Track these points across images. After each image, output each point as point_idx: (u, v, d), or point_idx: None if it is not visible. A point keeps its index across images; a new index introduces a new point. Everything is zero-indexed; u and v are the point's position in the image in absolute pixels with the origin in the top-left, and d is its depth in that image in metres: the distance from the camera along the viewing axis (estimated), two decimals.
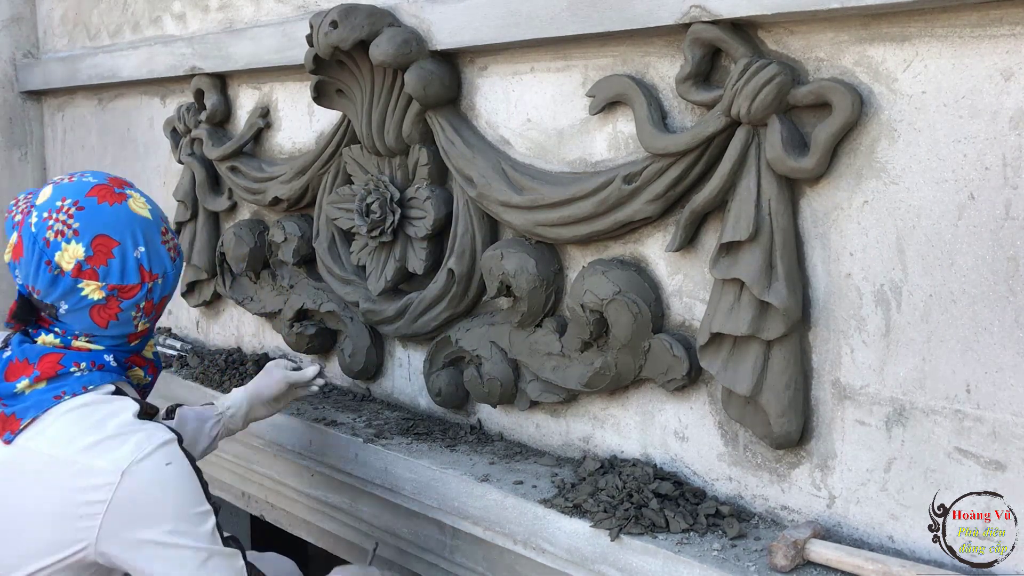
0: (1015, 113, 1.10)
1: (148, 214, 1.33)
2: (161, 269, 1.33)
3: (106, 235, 1.27)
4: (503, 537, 1.53)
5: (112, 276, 1.28)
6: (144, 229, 1.31)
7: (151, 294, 1.32)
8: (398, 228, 1.82)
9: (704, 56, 1.32)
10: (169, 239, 1.36)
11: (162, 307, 1.38)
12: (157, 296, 1.34)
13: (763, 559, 1.26)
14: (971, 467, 1.18)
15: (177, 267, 1.38)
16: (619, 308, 1.45)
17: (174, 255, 1.36)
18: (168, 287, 1.36)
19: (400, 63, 1.67)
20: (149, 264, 1.31)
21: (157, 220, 1.35)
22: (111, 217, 1.28)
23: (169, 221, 1.41)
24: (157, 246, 1.32)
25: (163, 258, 1.33)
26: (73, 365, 1.29)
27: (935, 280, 1.19)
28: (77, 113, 3.01)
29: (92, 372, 1.30)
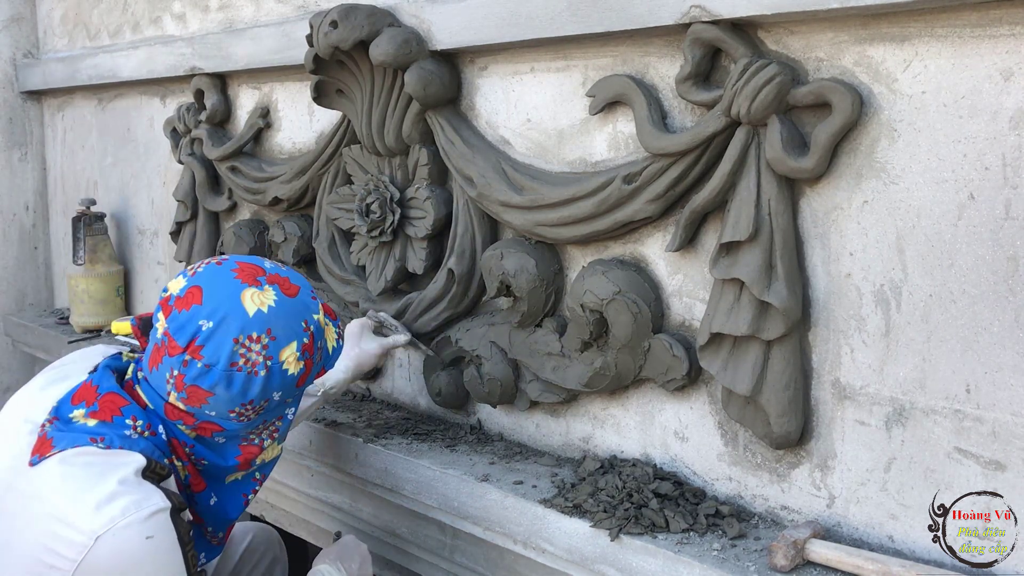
0: (1015, 113, 1.10)
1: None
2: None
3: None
4: (503, 537, 1.53)
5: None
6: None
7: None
8: (398, 228, 1.82)
9: (704, 56, 1.32)
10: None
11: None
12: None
13: (763, 559, 1.26)
14: (971, 467, 1.18)
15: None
16: (619, 308, 1.45)
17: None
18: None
19: (400, 63, 1.67)
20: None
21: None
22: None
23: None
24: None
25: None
26: (131, 418, 1.25)
27: (935, 280, 1.19)
28: (77, 113, 3.01)
29: (140, 438, 1.24)
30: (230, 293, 1.24)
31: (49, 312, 3.11)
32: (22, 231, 3.16)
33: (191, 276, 1.27)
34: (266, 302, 1.25)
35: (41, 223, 3.20)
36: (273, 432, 1.38)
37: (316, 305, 1.33)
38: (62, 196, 3.13)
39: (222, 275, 1.26)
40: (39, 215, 3.19)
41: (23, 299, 3.17)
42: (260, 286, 1.26)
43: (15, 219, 3.13)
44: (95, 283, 2.73)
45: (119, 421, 1.24)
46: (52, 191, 3.19)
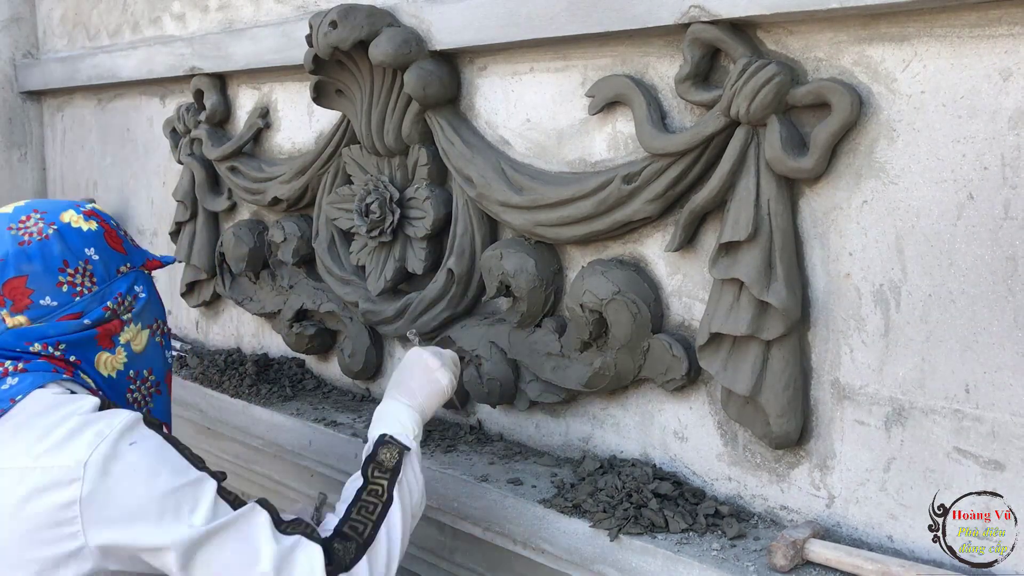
0: (1014, 113, 1.10)
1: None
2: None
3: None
4: (503, 537, 1.53)
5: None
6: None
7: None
8: (397, 228, 1.82)
9: (703, 56, 1.32)
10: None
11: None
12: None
13: (762, 559, 1.26)
14: (970, 467, 1.18)
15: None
16: (618, 308, 1.45)
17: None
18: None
19: (400, 63, 1.67)
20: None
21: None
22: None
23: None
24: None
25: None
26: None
27: (934, 280, 1.19)
28: (77, 113, 3.01)
29: (19, 375, 1.15)
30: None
31: None
32: None
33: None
34: (20, 203, 1.30)
35: None
36: (129, 306, 1.28)
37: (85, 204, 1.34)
38: (61, 196, 3.12)
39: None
40: None
41: None
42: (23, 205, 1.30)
43: None
44: None
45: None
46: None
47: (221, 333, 2.50)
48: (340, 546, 1.19)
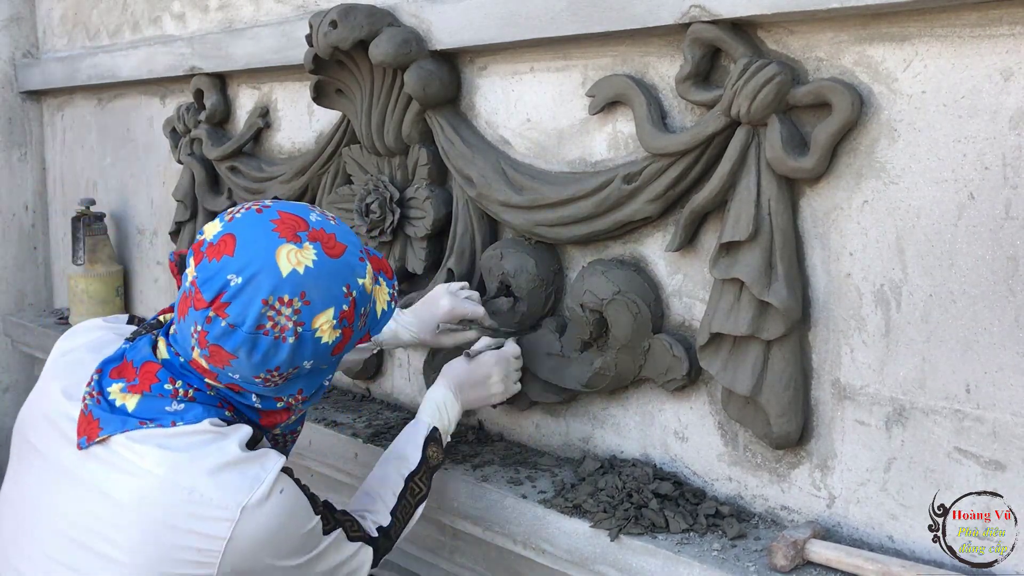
0: (1015, 113, 1.10)
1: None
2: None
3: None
4: (503, 537, 1.53)
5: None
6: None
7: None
8: (397, 228, 1.82)
9: (704, 56, 1.32)
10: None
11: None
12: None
13: (763, 559, 1.26)
14: (971, 467, 1.18)
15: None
16: (619, 308, 1.45)
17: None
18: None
19: (400, 63, 1.66)
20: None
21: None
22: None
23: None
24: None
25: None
26: (168, 381, 1.19)
27: (935, 280, 1.19)
28: (77, 113, 3.01)
29: (187, 403, 1.18)
30: (265, 247, 1.12)
31: (48, 312, 3.11)
32: (21, 231, 3.15)
33: (227, 222, 1.16)
34: (303, 262, 1.12)
35: (40, 223, 3.20)
36: (304, 399, 1.26)
37: (363, 268, 1.20)
38: (61, 196, 3.12)
39: (259, 225, 1.14)
40: (38, 215, 3.19)
41: (23, 299, 3.17)
42: (299, 243, 1.14)
43: (14, 219, 3.13)
44: (94, 283, 2.73)
45: (156, 388, 1.18)
46: (51, 191, 3.19)
47: None
48: (383, 543, 1.36)
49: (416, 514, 1.42)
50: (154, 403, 1.17)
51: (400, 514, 1.39)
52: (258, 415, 1.25)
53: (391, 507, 1.38)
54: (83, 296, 2.73)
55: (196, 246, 1.16)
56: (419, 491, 1.42)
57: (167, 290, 2.66)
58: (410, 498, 1.41)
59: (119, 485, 1.14)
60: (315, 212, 1.21)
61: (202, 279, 1.12)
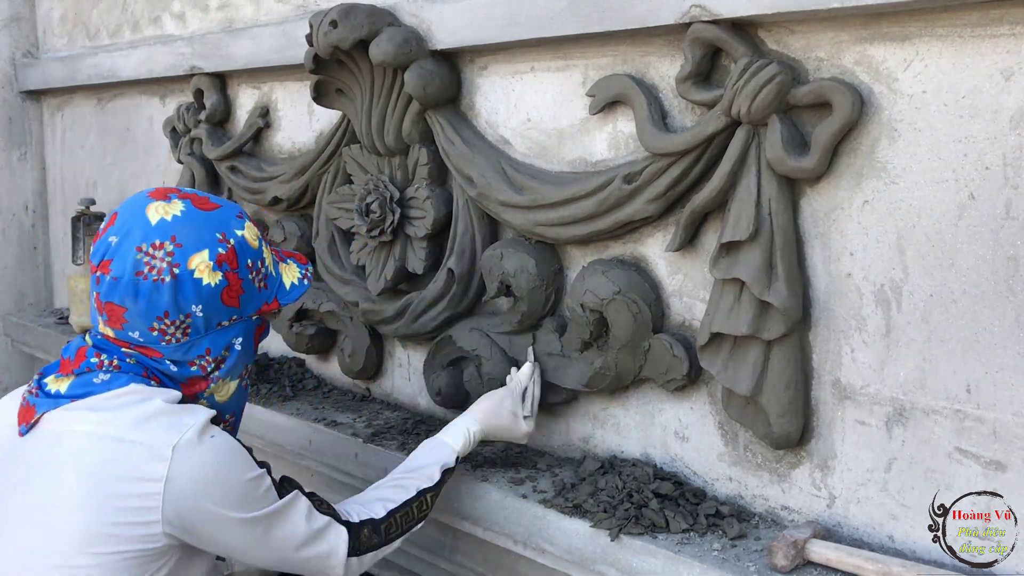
0: (1015, 113, 1.10)
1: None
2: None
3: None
4: (503, 537, 1.53)
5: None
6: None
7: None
8: (398, 228, 1.82)
9: (704, 56, 1.32)
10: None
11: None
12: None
13: (763, 559, 1.26)
14: (971, 467, 1.18)
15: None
16: (619, 308, 1.45)
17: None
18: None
19: (400, 62, 1.66)
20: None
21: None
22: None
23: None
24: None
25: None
26: (95, 355, 1.24)
27: (935, 280, 1.18)
28: (77, 113, 3.01)
29: (113, 373, 1.23)
30: (137, 207, 1.24)
31: (48, 312, 3.11)
32: (21, 231, 3.15)
33: (117, 207, 1.28)
34: (171, 211, 1.23)
35: (40, 223, 3.20)
36: (219, 363, 1.29)
37: (241, 223, 1.29)
38: (61, 196, 3.12)
39: (136, 196, 1.27)
40: (38, 215, 3.19)
41: (22, 299, 3.17)
42: (168, 199, 1.25)
43: (14, 219, 3.13)
44: None
45: (84, 364, 1.23)
46: (51, 191, 3.19)
47: None
48: (368, 535, 1.35)
49: (415, 528, 1.42)
50: (83, 379, 1.22)
51: (399, 518, 1.39)
52: (178, 385, 1.28)
53: (391, 507, 1.38)
54: (83, 296, 2.73)
55: (96, 235, 1.25)
56: (426, 507, 1.43)
57: None
58: (415, 510, 1.41)
59: (55, 453, 1.19)
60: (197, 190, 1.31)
61: (92, 252, 1.23)
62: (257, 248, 1.30)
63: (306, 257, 1.40)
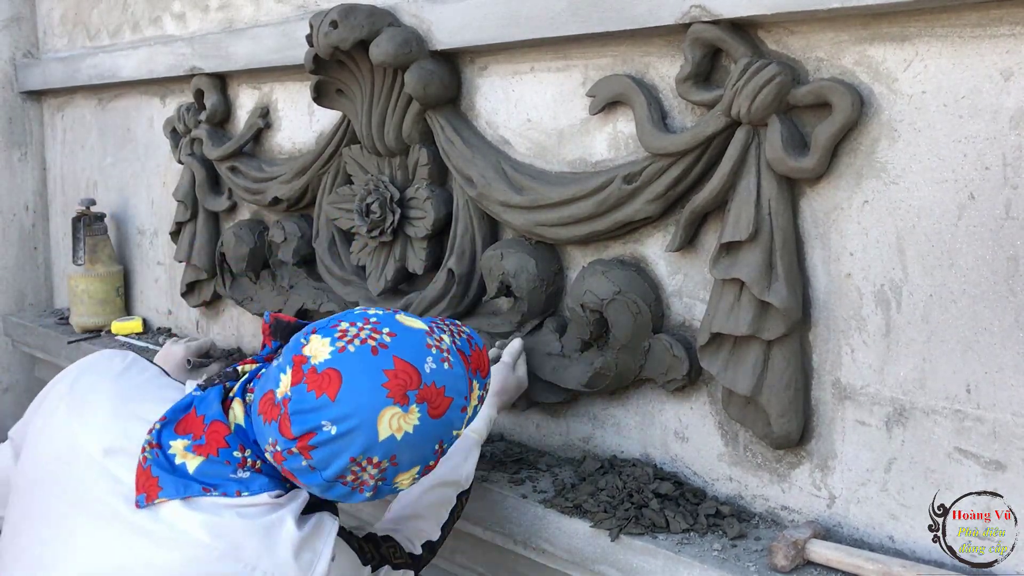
0: (1015, 113, 1.10)
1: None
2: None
3: None
4: (503, 537, 1.53)
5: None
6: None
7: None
8: (398, 228, 1.82)
9: (704, 56, 1.32)
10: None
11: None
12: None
13: (763, 559, 1.26)
14: (971, 467, 1.18)
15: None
16: (619, 308, 1.45)
17: None
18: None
19: (400, 63, 1.67)
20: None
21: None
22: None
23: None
24: None
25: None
26: (238, 449, 1.13)
27: (935, 280, 1.19)
28: (77, 113, 3.01)
29: (253, 473, 1.13)
30: (370, 406, 1.06)
31: (49, 312, 3.11)
32: (22, 231, 3.15)
33: (338, 354, 1.08)
34: (404, 428, 1.08)
35: (41, 223, 3.20)
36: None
37: (461, 420, 1.15)
38: (62, 196, 3.12)
39: (370, 374, 1.07)
40: (39, 215, 3.19)
41: (23, 299, 3.17)
42: (406, 405, 1.07)
43: (15, 219, 3.13)
44: (95, 283, 2.73)
45: (224, 453, 1.13)
46: (52, 191, 3.19)
47: (222, 333, 2.50)
48: (426, 556, 1.38)
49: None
50: (218, 468, 1.12)
51: (447, 528, 1.42)
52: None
53: (443, 522, 1.40)
54: (83, 296, 2.73)
55: (298, 359, 1.09)
56: (461, 508, 1.45)
57: (167, 290, 2.66)
58: (458, 512, 1.44)
59: (168, 558, 1.08)
60: (432, 353, 1.12)
61: (295, 407, 1.07)
62: (462, 427, 1.17)
63: (487, 361, 1.24)
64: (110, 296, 2.75)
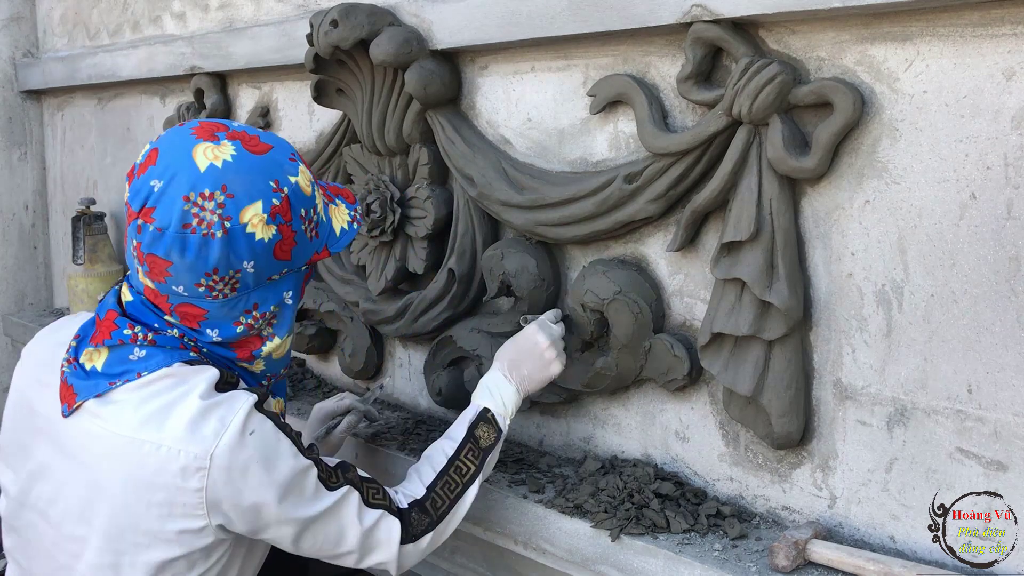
0: (1017, 112, 1.10)
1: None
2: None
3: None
4: (503, 537, 1.53)
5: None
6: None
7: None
8: (398, 228, 1.82)
9: (705, 55, 1.32)
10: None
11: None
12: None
13: (764, 559, 1.26)
14: (972, 467, 1.18)
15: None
16: (620, 308, 1.45)
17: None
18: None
19: (400, 62, 1.66)
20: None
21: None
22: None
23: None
24: None
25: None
26: (128, 327, 1.18)
27: (936, 280, 1.18)
28: (77, 112, 3.01)
29: (149, 348, 1.17)
30: (182, 148, 1.13)
31: (49, 312, 3.11)
32: (22, 231, 3.15)
33: (154, 140, 1.18)
34: (221, 156, 1.13)
35: (40, 223, 3.20)
36: (271, 319, 1.24)
37: (294, 167, 1.19)
38: (62, 196, 3.12)
39: (178, 134, 1.16)
40: (38, 215, 3.19)
41: (23, 299, 3.17)
42: (217, 140, 1.15)
43: (15, 219, 3.13)
44: (95, 283, 2.73)
45: (116, 335, 1.18)
46: (52, 191, 3.19)
47: None
48: (417, 517, 1.31)
49: (468, 495, 1.35)
50: (119, 354, 1.18)
51: (441, 490, 1.33)
52: (230, 350, 1.23)
53: (427, 482, 1.34)
54: (83, 296, 2.73)
55: (130, 171, 1.17)
56: (467, 470, 1.36)
57: None
58: (455, 475, 1.35)
59: (94, 454, 1.17)
60: (241, 123, 1.21)
61: (131, 194, 1.14)
62: (311, 195, 1.21)
63: (352, 193, 1.32)
64: None
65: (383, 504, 1.28)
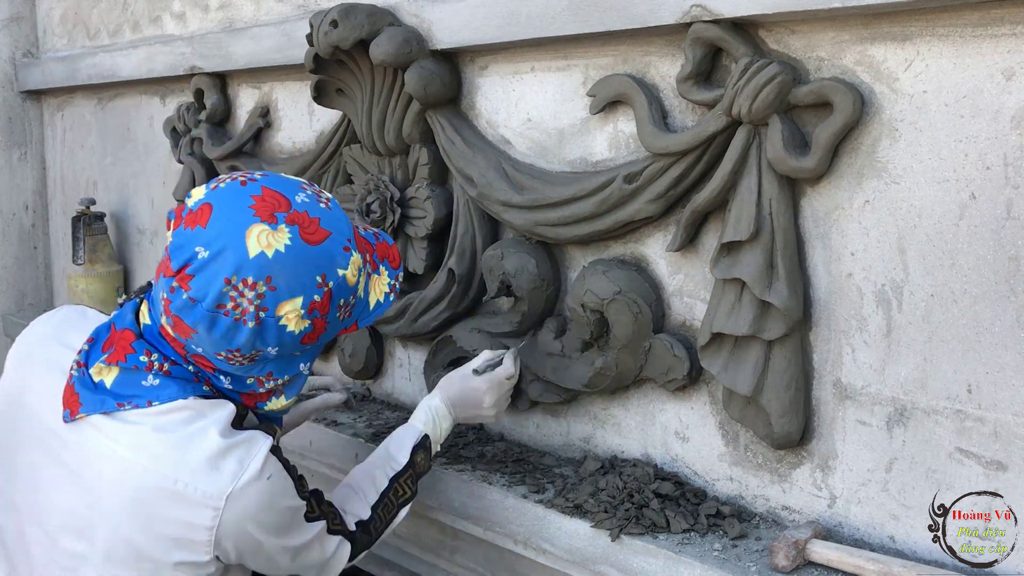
0: (1016, 112, 1.10)
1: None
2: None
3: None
4: (503, 537, 1.53)
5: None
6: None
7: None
8: (398, 228, 1.82)
9: (705, 55, 1.32)
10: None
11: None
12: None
13: (764, 559, 1.26)
14: (972, 467, 1.18)
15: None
16: (620, 308, 1.45)
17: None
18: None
19: (400, 62, 1.66)
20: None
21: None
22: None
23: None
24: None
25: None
26: (144, 353, 1.17)
27: (936, 280, 1.18)
28: (77, 113, 3.01)
29: (163, 378, 1.17)
30: (237, 224, 1.08)
31: None
32: (22, 231, 3.15)
33: (211, 191, 1.13)
34: (275, 245, 1.08)
35: (41, 223, 3.20)
36: (283, 384, 1.24)
37: (346, 259, 1.15)
38: (62, 196, 3.12)
39: (237, 200, 1.10)
40: (38, 215, 3.19)
41: (23, 299, 3.17)
42: (275, 224, 1.09)
43: (15, 219, 3.13)
44: (95, 283, 2.73)
45: (132, 359, 1.16)
46: (52, 191, 3.19)
47: None
48: (361, 538, 1.36)
49: (400, 515, 1.43)
50: (130, 377, 1.16)
51: (381, 512, 1.39)
52: (237, 396, 1.23)
53: (372, 503, 1.39)
54: (83, 296, 2.73)
55: (178, 210, 1.14)
56: (403, 493, 1.43)
57: None
58: (393, 498, 1.41)
59: (99, 470, 1.15)
60: (305, 192, 1.16)
61: (174, 246, 1.10)
62: (355, 284, 1.18)
63: (399, 254, 1.31)
64: (110, 296, 2.75)
65: (340, 530, 1.33)
